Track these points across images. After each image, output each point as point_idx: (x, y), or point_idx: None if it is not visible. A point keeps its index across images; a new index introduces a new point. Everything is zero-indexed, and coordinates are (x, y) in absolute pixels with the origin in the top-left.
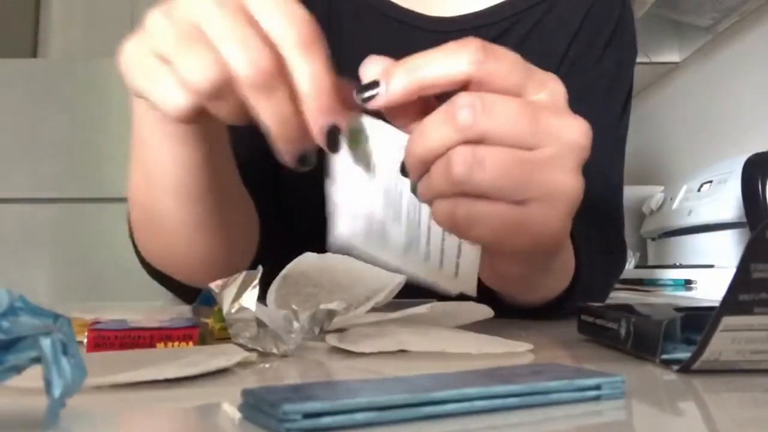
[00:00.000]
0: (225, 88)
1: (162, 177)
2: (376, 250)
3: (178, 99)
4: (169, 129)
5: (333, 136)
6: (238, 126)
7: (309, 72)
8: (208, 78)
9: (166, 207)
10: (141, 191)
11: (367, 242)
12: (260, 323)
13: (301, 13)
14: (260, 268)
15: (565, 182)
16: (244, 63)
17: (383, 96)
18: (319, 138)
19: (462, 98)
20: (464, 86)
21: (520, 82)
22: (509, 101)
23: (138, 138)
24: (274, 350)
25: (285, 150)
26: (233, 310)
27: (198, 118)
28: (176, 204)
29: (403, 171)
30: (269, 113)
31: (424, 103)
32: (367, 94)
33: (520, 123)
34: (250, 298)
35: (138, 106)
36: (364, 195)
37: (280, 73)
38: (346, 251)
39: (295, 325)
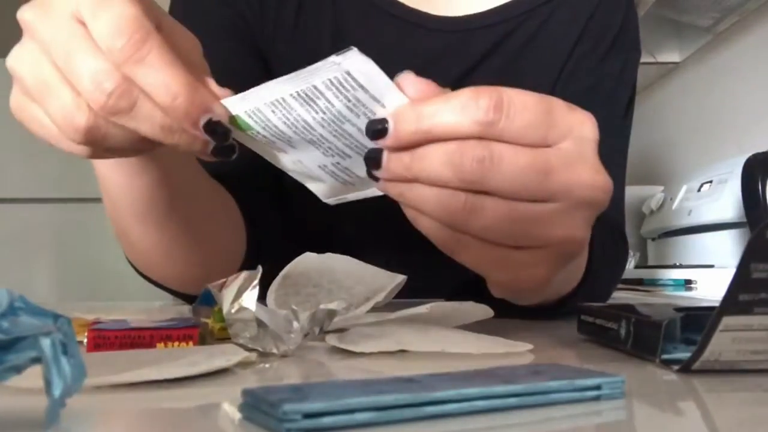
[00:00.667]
0: (99, 120)
1: (124, 205)
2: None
3: (65, 142)
4: (117, 160)
5: (215, 132)
6: None
7: (153, 82)
8: (75, 122)
9: (135, 232)
10: (112, 216)
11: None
12: (260, 323)
13: (126, 13)
14: (260, 268)
15: (565, 237)
16: (93, 93)
17: (390, 138)
18: (201, 140)
19: (472, 148)
20: None
21: (538, 136)
22: (517, 158)
23: (96, 169)
24: (274, 350)
25: (190, 152)
26: (233, 310)
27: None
28: (143, 228)
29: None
30: (146, 129)
31: None
32: (375, 131)
33: (526, 180)
34: (250, 298)
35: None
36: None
37: (133, 86)
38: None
39: (295, 325)
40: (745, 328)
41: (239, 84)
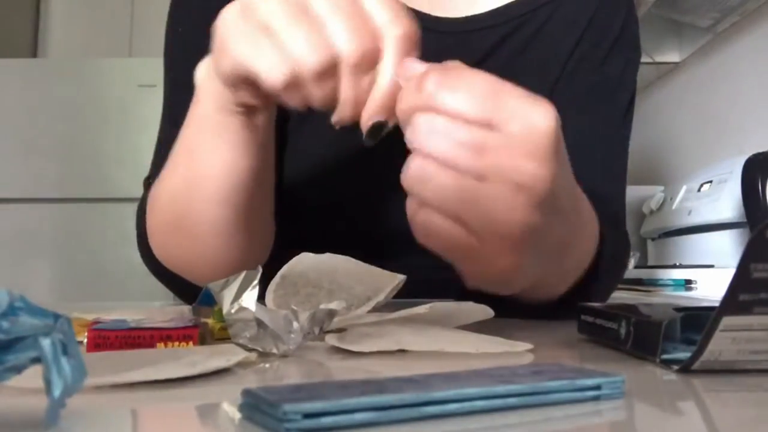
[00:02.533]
0: (329, 69)
1: (209, 184)
2: None
3: (282, 72)
4: (235, 136)
5: (377, 131)
6: None
7: (394, 68)
8: (316, 58)
9: (205, 214)
10: (179, 198)
11: None
12: (260, 323)
13: (408, 9)
14: (260, 268)
15: (507, 220)
16: (351, 44)
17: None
18: (364, 127)
19: (414, 117)
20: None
21: (482, 111)
22: (456, 127)
23: (187, 145)
24: (274, 350)
25: (341, 121)
26: (233, 310)
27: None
28: (217, 211)
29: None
30: (350, 95)
31: None
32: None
33: (461, 154)
34: (250, 298)
35: (199, 114)
36: None
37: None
38: None
39: (295, 325)
40: (745, 328)
41: None
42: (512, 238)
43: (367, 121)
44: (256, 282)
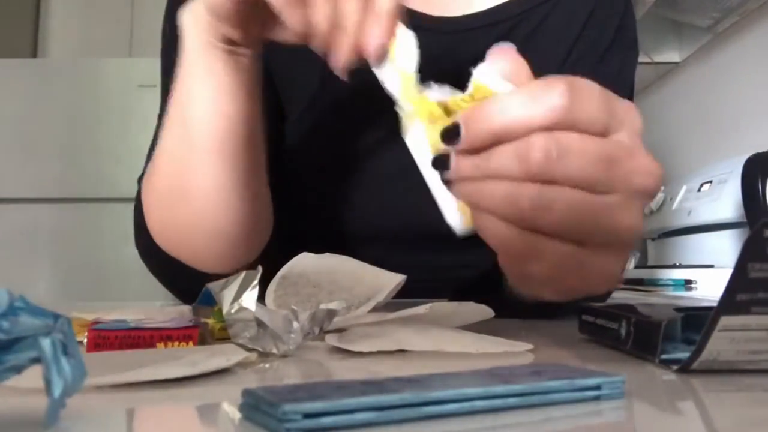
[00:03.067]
0: None
1: (204, 133)
2: None
3: None
4: (221, 76)
5: (382, 53)
6: None
7: None
8: None
9: (201, 167)
10: (175, 154)
11: None
12: (260, 323)
13: None
14: (260, 268)
15: (628, 226)
16: None
17: (463, 142)
18: (371, 52)
19: (538, 140)
20: None
21: (604, 123)
22: (585, 148)
23: (180, 98)
24: (274, 350)
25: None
26: (233, 310)
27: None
28: (215, 162)
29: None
30: (353, 14)
31: None
32: (448, 136)
33: (594, 170)
34: (250, 298)
35: (188, 59)
36: None
37: None
38: None
39: (295, 325)
40: (744, 328)
41: None
42: (630, 243)
43: (373, 45)
44: (256, 282)
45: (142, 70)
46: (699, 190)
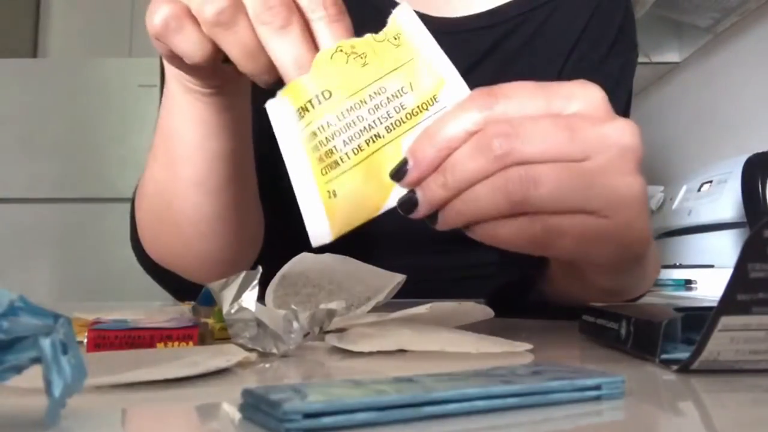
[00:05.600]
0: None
1: (188, 167)
2: None
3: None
4: (202, 117)
5: None
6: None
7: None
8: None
9: (188, 199)
10: (161, 184)
11: None
12: (260, 323)
13: None
14: (259, 269)
15: (629, 185)
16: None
17: (414, 171)
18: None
19: (492, 127)
20: None
21: (543, 104)
22: (539, 119)
23: (165, 129)
24: (274, 350)
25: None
26: (233, 311)
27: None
28: (199, 196)
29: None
30: (232, 47)
31: None
32: (399, 175)
33: (558, 138)
34: (249, 298)
35: (169, 96)
36: None
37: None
38: None
39: (295, 325)
40: (744, 328)
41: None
42: (638, 202)
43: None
44: (255, 282)
45: (142, 70)
46: (699, 190)
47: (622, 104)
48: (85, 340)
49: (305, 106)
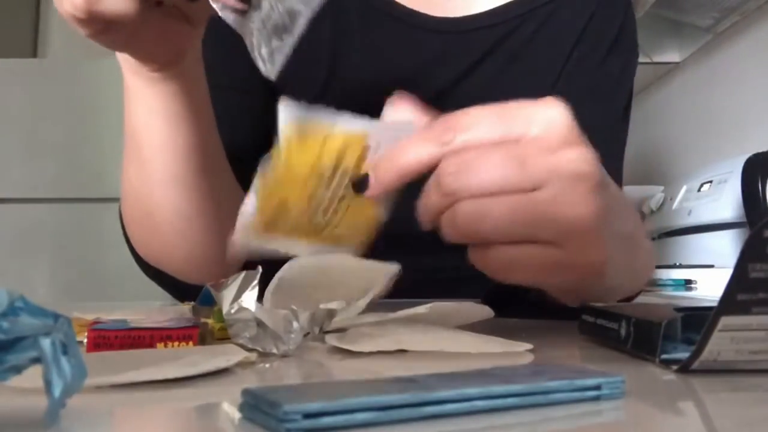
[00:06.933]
0: None
1: (155, 163)
2: None
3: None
4: (157, 107)
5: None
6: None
7: None
8: None
9: (161, 197)
10: (136, 183)
11: None
12: (260, 323)
13: None
14: (259, 269)
15: (579, 214)
16: None
17: (375, 187)
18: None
19: (444, 165)
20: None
21: (501, 130)
22: (489, 155)
23: (129, 127)
24: (274, 350)
25: None
26: (233, 311)
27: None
28: (171, 192)
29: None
30: None
31: None
32: (361, 187)
33: (507, 170)
34: (249, 298)
35: (126, 91)
36: None
37: None
38: None
39: (295, 325)
40: (744, 328)
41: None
42: (591, 231)
43: None
44: (255, 282)
45: None
46: (699, 190)
47: (621, 104)
48: (85, 340)
49: (270, 221)
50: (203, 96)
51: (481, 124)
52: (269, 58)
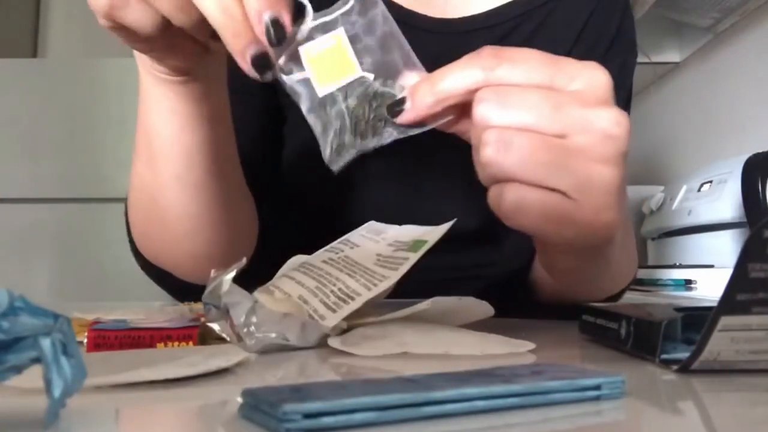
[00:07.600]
0: None
1: (167, 162)
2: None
3: None
4: (176, 109)
5: (273, 28)
6: (239, 120)
7: None
8: None
9: (170, 195)
10: (145, 180)
11: None
12: (226, 311)
13: None
14: (244, 260)
15: (601, 172)
16: None
17: (410, 112)
18: (258, 29)
19: (481, 92)
20: None
21: (544, 78)
22: (527, 92)
23: (143, 125)
24: (237, 341)
25: (238, 51)
26: (208, 291)
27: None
28: (180, 191)
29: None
30: (211, 5)
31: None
32: (396, 110)
33: (541, 110)
34: (226, 282)
35: (143, 90)
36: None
37: None
38: None
39: (254, 318)
40: (744, 328)
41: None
42: (609, 192)
43: (256, 19)
44: (234, 267)
45: None
46: (699, 190)
47: (621, 104)
48: (85, 340)
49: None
50: (220, 100)
51: (528, 63)
52: (336, 149)
